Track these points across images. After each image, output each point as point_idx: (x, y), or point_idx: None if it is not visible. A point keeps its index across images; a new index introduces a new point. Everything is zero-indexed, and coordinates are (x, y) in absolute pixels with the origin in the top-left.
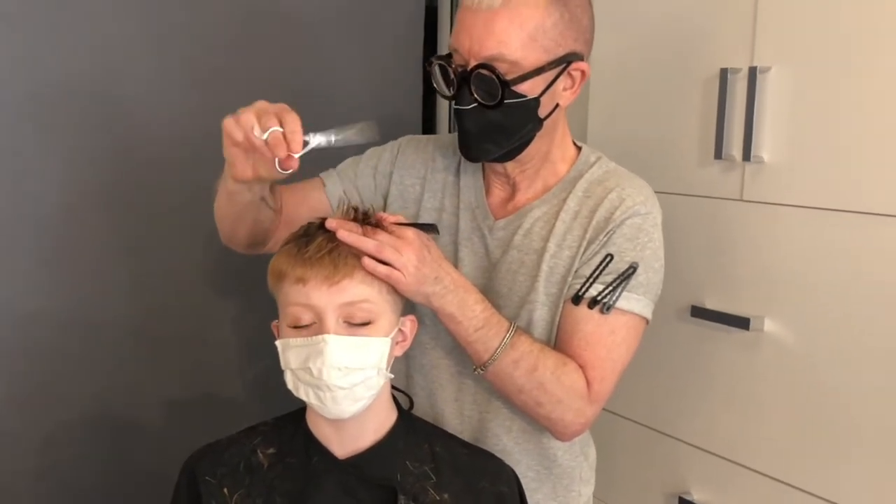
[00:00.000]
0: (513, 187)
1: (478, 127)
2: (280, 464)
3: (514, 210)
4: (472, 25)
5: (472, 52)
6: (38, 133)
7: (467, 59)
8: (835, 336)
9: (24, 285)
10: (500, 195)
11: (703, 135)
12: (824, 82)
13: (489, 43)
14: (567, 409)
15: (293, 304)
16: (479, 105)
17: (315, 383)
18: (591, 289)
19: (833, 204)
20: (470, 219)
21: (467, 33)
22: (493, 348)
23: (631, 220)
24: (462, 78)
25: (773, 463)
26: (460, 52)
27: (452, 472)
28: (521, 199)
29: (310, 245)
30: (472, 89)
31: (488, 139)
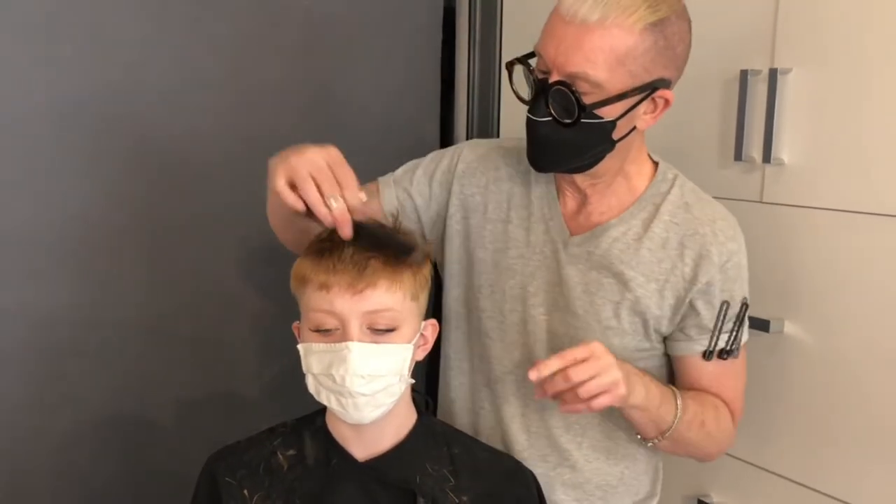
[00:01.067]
0: (584, 198)
1: (549, 140)
2: (300, 465)
3: (589, 226)
4: (562, 36)
5: (557, 63)
6: (57, 136)
7: (550, 69)
8: (855, 338)
9: (45, 286)
10: (571, 206)
11: (723, 136)
12: (845, 84)
13: (576, 59)
14: (726, 445)
15: (316, 311)
16: (553, 119)
17: (338, 389)
18: (717, 342)
19: (854, 206)
20: (543, 231)
21: (555, 43)
22: (670, 420)
23: (731, 262)
24: (541, 87)
25: (792, 465)
26: (544, 58)
27: (471, 475)
28: (595, 213)
29: (334, 251)
30: (549, 102)
31: (557, 154)
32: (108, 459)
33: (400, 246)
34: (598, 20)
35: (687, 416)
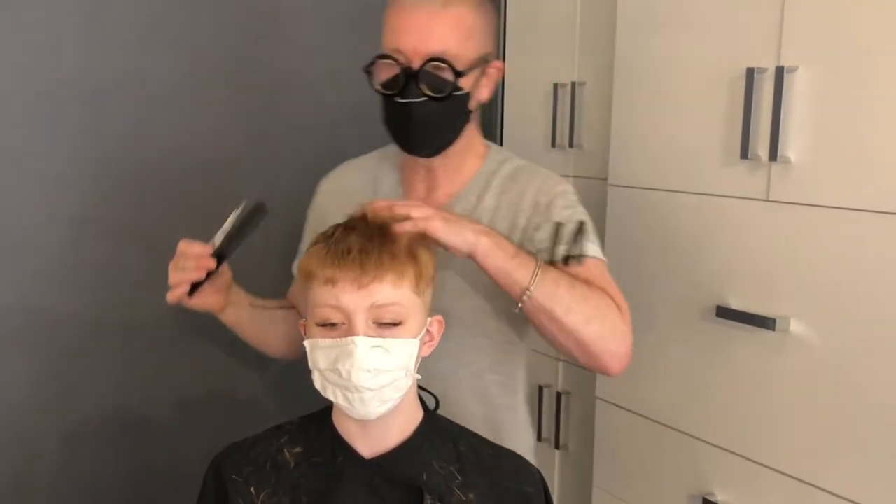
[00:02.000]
0: (433, 180)
1: (424, 119)
2: (306, 462)
3: (437, 206)
4: (415, 25)
5: (419, 49)
6: (54, 134)
7: (410, 57)
8: (861, 336)
9: (45, 286)
10: (420, 192)
11: (729, 135)
12: (851, 82)
13: (434, 40)
14: (619, 337)
15: (322, 305)
16: (428, 98)
17: (344, 384)
18: (557, 252)
19: (860, 204)
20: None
21: (410, 33)
22: (531, 270)
23: (560, 197)
24: (409, 75)
25: (797, 464)
26: (403, 51)
27: (478, 472)
28: (443, 194)
29: (339, 245)
30: (419, 83)
31: (432, 131)
32: (110, 457)
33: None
34: (443, 3)
35: (551, 272)
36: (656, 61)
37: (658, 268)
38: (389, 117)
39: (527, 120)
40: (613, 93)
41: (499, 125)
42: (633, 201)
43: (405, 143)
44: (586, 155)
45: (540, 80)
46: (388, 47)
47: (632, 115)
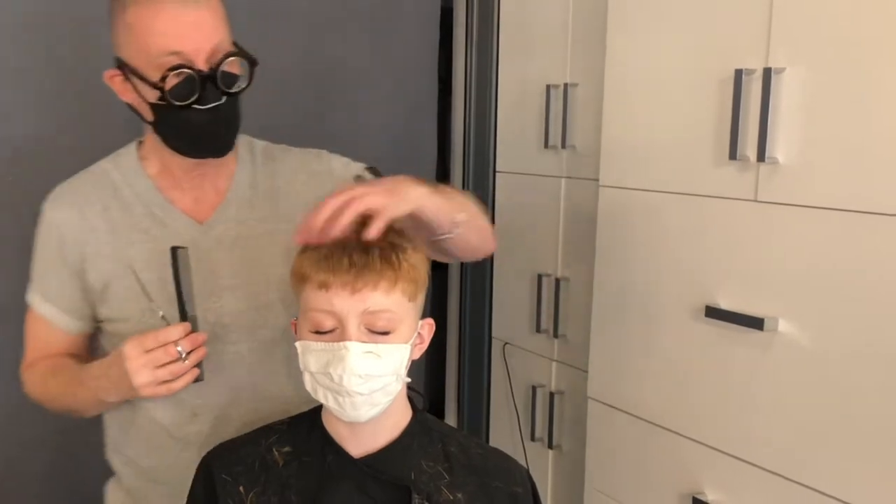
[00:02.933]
0: (201, 182)
1: (227, 119)
2: (295, 462)
3: (211, 208)
4: (187, 26)
5: (201, 49)
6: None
7: (192, 58)
8: (849, 337)
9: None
10: (187, 201)
11: (718, 135)
12: (839, 83)
13: (213, 35)
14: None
15: (315, 310)
16: (227, 98)
17: (335, 388)
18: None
19: (848, 205)
20: (171, 235)
21: (186, 34)
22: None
23: (333, 159)
24: (205, 78)
25: (787, 463)
26: (185, 53)
27: (466, 472)
28: (212, 192)
29: (333, 249)
30: (219, 83)
31: (234, 128)
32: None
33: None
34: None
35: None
36: (646, 63)
37: (648, 268)
38: (183, 127)
39: (519, 121)
40: (604, 94)
41: (492, 126)
42: (623, 202)
43: (207, 150)
44: (578, 156)
45: (532, 81)
46: (160, 54)
47: (622, 117)
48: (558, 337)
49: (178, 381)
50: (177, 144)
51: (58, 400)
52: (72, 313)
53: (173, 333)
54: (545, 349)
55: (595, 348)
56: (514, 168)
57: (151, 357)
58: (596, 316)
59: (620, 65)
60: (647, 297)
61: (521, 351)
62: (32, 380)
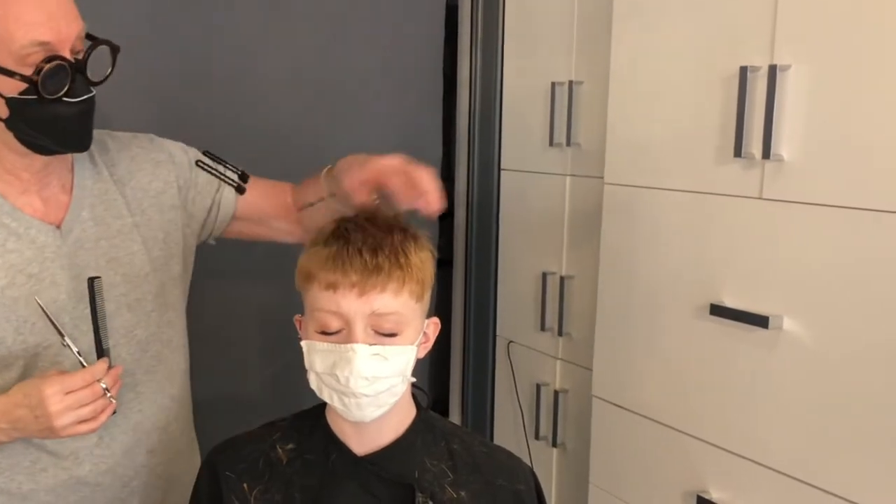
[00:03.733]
0: (46, 181)
1: (91, 111)
2: (299, 459)
3: (62, 208)
4: (50, 12)
5: (66, 36)
6: None
7: (59, 50)
8: (854, 335)
9: None
10: (37, 203)
11: (723, 133)
12: (844, 80)
13: (74, 24)
14: None
15: (322, 311)
16: (93, 87)
17: (341, 389)
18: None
19: (853, 202)
20: (28, 245)
21: (52, 23)
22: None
23: (170, 144)
24: (76, 69)
25: (791, 461)
26: (52, 44)
27: (470, 470)
28: (58, 188)
29: (341, 249)
30: (88, 74)
31: (92, 121)
32: None
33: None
34: None
35: None
36: (651, 60)
37: (653, 266)
38: (50, 121)
39: (524, 119)
40: (609, 92)
41: (497, 124)
42: (628, 200)
43: (73, 145)
44: (583, 153)
45: (537, 78)
46: (23, 43)
47: (627, 114)
48: (563, 335)
49: (99, 418)
50: (38, 141)
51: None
52: None
53: (98, 371)
54: (550, 347)
55: (599, 346)
56: (518, 166)
57: (75, 398)
58: (600, 314)
59: (625, 62)
60: (652, 295)
61: (525, 349)
62: None
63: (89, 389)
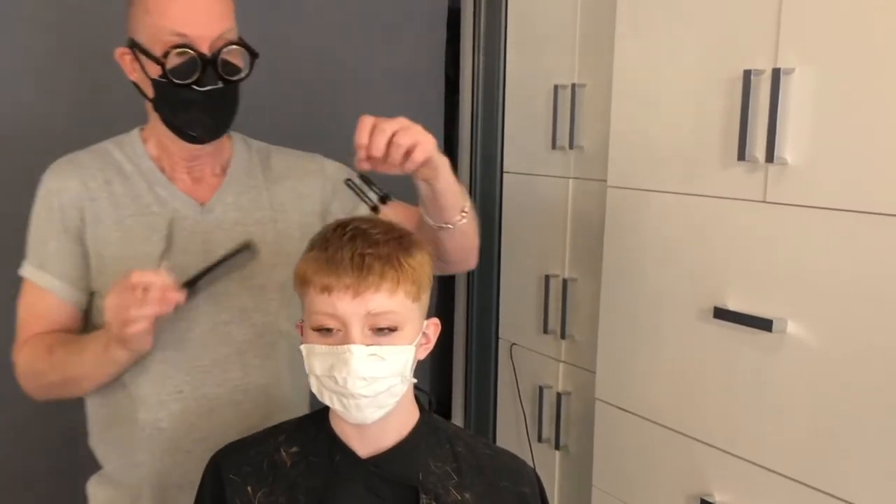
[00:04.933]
0: (199, 165)
1: (223, 104)
2: (303, 462)
3: (210, 190)
4: (196, 11)
5: (207, 34)
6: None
7: (194, 42)
8: (858, 338)
9: None
10: (187, 182)
11: (726, 136)
12: (848, 83)
13: (219, 23)
14: None
15: (319, 313)
16: (222, 83)
17: (340, 391)
18: (371, 197)
19: (857, 206)
20: (171, 212)
21: (195, 19)
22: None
23: (327, 162)
24: (206, 61)
25: (795, 465)
26: (190, 36)
27: (474, 472)
28: (209, 175)
29: (335, 252)
30: (219, 68)
31: (229, 114)
32: None
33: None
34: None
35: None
36: (655, 63)
37: (656, 269)
38: (181, 106)
39: (527, 121)
40: (612, 95)
41: (499, 126)
42: (631, 203)
43: (201, 130)
44: (586, 156)
45: (540, 81)
46: (168, 34)
47: (630, 117)
48: (566, 338)
49: (133, 326)
50: (173, 123)
51: (58, 370)
52: (69, 281)
53: (142, 276)
54: (552, 350)
55: (602, 349)
56: (521, 168)
57: (119, 299)
58: (603, 317)
59: (629, 65)
60: (655, 298)
61: (528, 352)
62: (26, 357)
63: (125, 289)
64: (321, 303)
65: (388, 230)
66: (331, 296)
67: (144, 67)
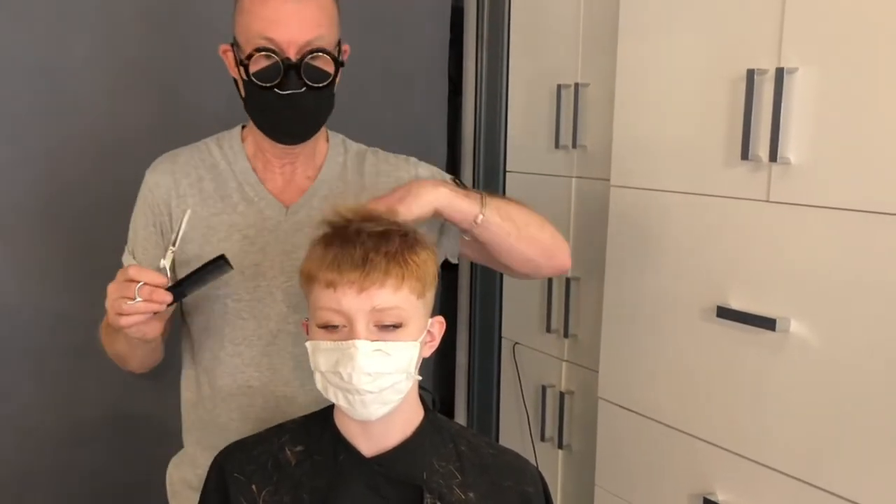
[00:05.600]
0: (292, 167)
1: (305, 109)
2: (308, 461)
3: (298, 191)
4: (287, 15)
5: (294, 40)
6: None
7: (283, 47)
8: (861, 337)
9: (49, 287)
10: (278, 182)
11: (730, 135)
12: (851, 83)
13: (308, 31)
14: (555, 229)
15: (323, 308)
16: (308, 88)
17: (345, 387)
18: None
19: (860, 205)
20: (255, 213)
21: (284, 23)
22: (479, 199)
23: (421, 167)
24: (289, 66)
25: (798, 464)
26: (277, 41)
27: (478, 472)
28: (301, 178)
29: (340, 249)
30: (302, 74)
31: (314, 119)
32: (113, 456)
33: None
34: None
35: (496, 198)
36: (658, 62)
37: (659, 268)
38: (264, 108)
39: (530, 121)
40: (615, 94)
41: (502, 126)
42: (634, 202)
43: (283, 133)
44: (589, 156)
45: (543, 80)
46: (256, 36)
47: (633, 117)
48: (569, 337)
49: (124, 319)
50: (260, 124)
51: (110, 346)
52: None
53: (139, 273)
54: (555, 349)
55: (605, 348)
56: (524, 168)
57: (111, 288)
58: (606, 316)
59: (632, 64)
60: (658, 297)
61: (531, 351)
62: (104, 331)
63: (119, 282)
64: (326, 298)
65: (393, 227)
66: (336, 291)
67: (239, 67)
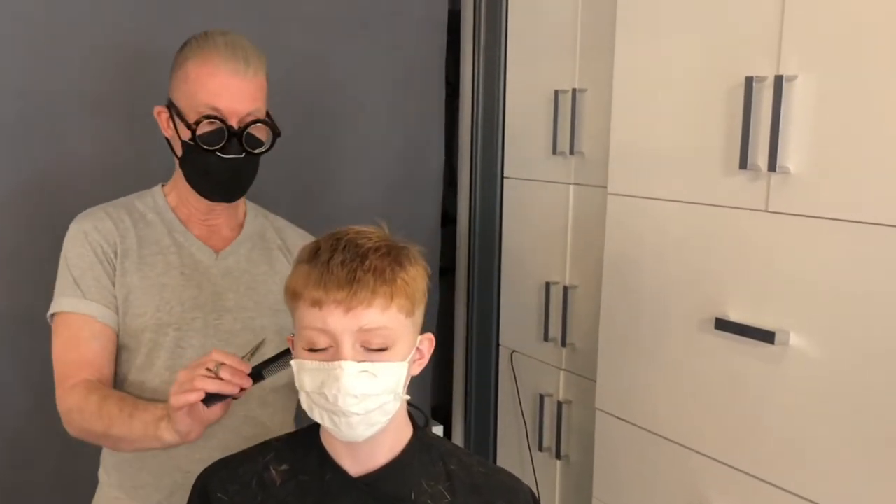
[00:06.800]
0: (214, 222)
1: (242, 172)
2: (293, 481)
3: (226, 241)
4: (232, 88)
5: (237, 111)
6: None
7: (227, 117)
8: (861, 350)
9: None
10: (201, 232)
11: (728, 144)
12: (851, 91)
13: (249, 103)
14: None
15: (309, 328)
16: (247, 154)
17: (330, 408)
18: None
19: (860, 216)
20: (188, 255)
21: (228, 95)
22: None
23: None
24: (232, 133)
25: (795, 477)
26: (221, 110)
27: (468, 492)
28: (226, 229)
29: (326, 265)
30: (243, 140)
31: (247, 181)
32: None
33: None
34: (253, 71)
35: None
36: (656, 69)
37: (657, 278)
38: (206, 168)
39: (527, 127)
40: (613, 100)
41: (500, 132)
42: (631, 210)
43: (219, 193)
44: (587, 162)
45: (541, 86)
46: (202, 104)
47: (631, 123)
48: (566, 346)
49: (193, 394)
50: (196, 182)
51: (104, 423)
52: (109, 306)
53: (223, 356)
54: (553, 358)
55: (603, 358)
56: (521, 174)
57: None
58: (604, 325)
59: (629, 70)
60: (656, 307)
61: (528, 360)
62: (76, 401)
63: (199, 362)
64: (311, 317)
65: (382, 242)
66: (321, 310)
67: (177, 128)
